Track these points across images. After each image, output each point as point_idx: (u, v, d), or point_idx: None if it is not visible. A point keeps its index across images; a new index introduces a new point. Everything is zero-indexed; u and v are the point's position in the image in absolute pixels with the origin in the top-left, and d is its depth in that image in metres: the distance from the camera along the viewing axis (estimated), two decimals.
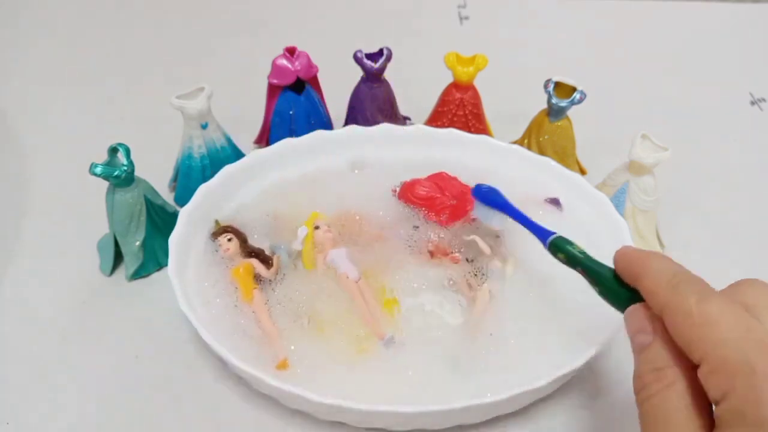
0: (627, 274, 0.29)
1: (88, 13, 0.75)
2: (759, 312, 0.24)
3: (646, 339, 0.26)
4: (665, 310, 0.26)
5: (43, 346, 0.41)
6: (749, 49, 0.72)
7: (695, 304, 0.24)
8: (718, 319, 0.24)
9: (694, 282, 0.26)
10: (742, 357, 0.22)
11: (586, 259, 0.32)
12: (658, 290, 0.26)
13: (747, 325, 0.23)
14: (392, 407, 0.32)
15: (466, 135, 0.49)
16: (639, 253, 0.29)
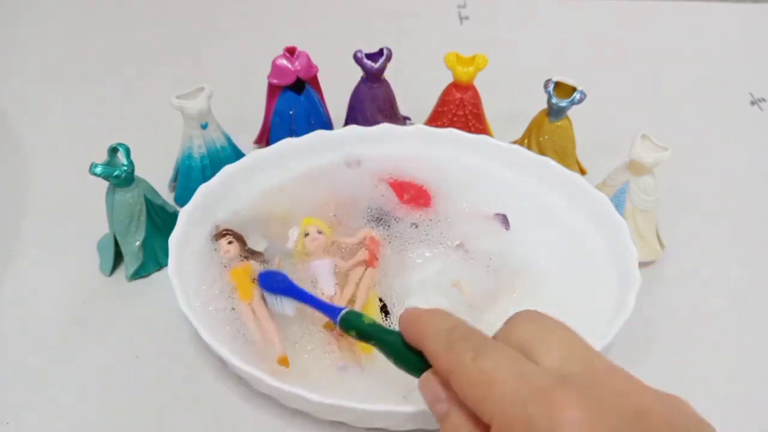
0: (412, 339, 0.28)
1: (88, 13, 0.75)
2: (533, 348, 0.25)
3: (443, 407, 0.26)
4: (447, 374, 0.25)
5: (43, 346, 0.41)
6: (749, 49, 0.72)
7: (471, 362, 0.24)
8: (493, 374, 0.23)
9: (469, 338, 0.26)
10: (522, 412, 0.22)
11: (375, 330, 0.31)
12: (438, 352, 0.26)
13: (521, 372, 0.23)
14: (392, 407, 0.32)
15: (466, 135, 0.49)
16: (420, 313, 0.28)
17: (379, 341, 0.31)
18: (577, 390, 0.22)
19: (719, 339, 0.42)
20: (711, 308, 0.44)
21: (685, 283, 0.46)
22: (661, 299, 0.44)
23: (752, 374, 0.41)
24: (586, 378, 0.23)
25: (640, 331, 0.41)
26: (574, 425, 0.21)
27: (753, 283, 0.46)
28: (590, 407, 0.21)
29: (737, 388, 0.40)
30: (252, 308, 0.39)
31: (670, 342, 0.42)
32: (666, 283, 0.46)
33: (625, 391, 0.23)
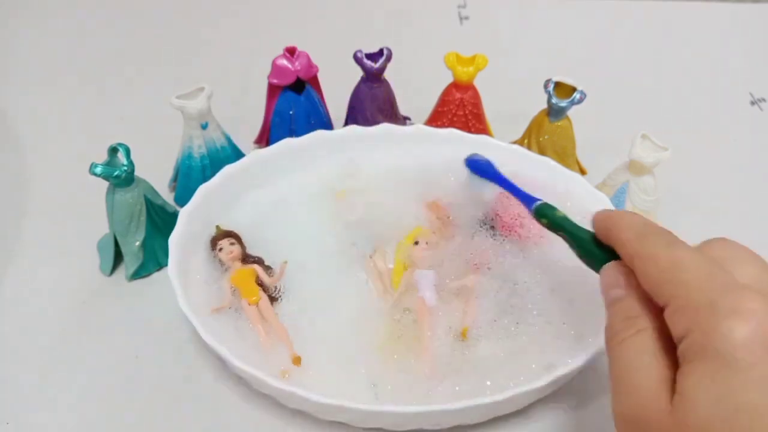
0: (602, 232, 0.30)
1: (88, 13, 0.75)
2: (725, 262, 0.25)
3: (619, 293, 0.27)
4: (635, 259, 0.26)
5: (43, 346, 0.41)
6: (749, 49, 0.72)
7: (663, 248, 0.26)
8: (683, 263, 0.25)
9: (662, 233, 0.27)
10: (704, 296, 0.23)
11: (567, 223, 0.34)
12: (628, 240, 0.27)
13: (710, 270, 0.24)
14: (392, 407, 0.33)
15: (466, 135, 0.49)
16: (613, 212, 0.30)
17: (569, 233, 0.33)
18: (763, 296, 0.23)
19: None
20: None
21: None
22: None
23: None
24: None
25: None
26: (756, 315, 0.22)
27: None
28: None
29: None
30: (259, 309, 0.39)
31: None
32: None
33: None
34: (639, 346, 0.25)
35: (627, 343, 0.25)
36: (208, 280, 0.41)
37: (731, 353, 0.21)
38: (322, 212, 0.45)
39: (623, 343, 0.26)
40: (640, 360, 0.24)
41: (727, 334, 0.22)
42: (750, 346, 0.21)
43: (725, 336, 0.22)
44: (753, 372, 0.21)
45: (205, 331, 0.35)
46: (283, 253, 0.42)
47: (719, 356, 0.22)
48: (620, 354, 0.26)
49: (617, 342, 0.26)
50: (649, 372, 0.24)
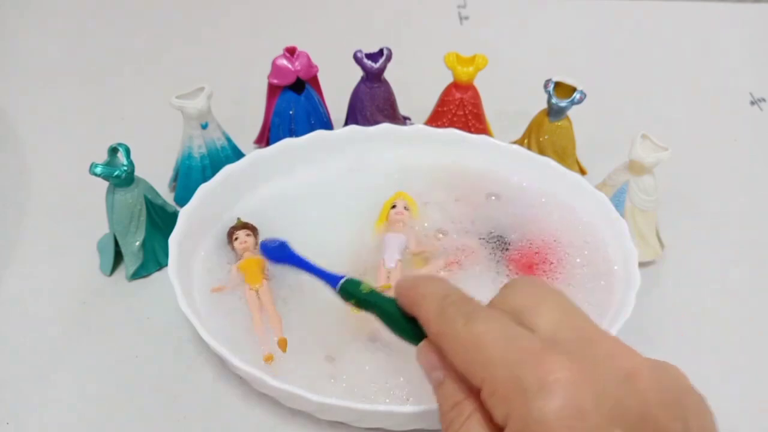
0: (407, 305, 0.28)
1: (88, 13, 0.75)
2: (526, 314, 0.25)
3: (439, 375, 0.26)
4: (439, 339, 0.25)
5: (43, 346, 0.41)
6: (749, 49, 0.72)
7: (462, 327, 0.24)
8: (483, 337, 0.23)
9: (461, 303, 0.26)
10: (511, 373, 0.22)
11: (373, 298, 0.31)
12: (430, 319, 0.26)
13: (513, 336, 0.23)
14: (392, 407, 0.33)
15: (467, 135, 0.49)
16: (413, 281, 0.28)
17: (378, 309, 0.30)
18: (567, 353, 0.22)
19: (719, 339, 0.42)
20: (711, 308, 0.44)
21: (685, 283, 0.46)
22: (661, 299, 0.44)
23: (752, 374, 0.41)
24: (576, 342, 0.23)
25: (640, 331, 0.41)
26: (563, 386, 0.21)
27: (753, 283, 0.46)
28: (579, 369, 0.22)
29: (737, 387, 0.40)
30: (258, 294, 0.40)
31: (670, 342, 0.42)
32: (666, 283, 0.46)
33: (615, 355, 0.23)
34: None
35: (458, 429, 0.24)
36: (208, 280, 0.41)
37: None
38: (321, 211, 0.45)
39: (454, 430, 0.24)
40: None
41: (540, 417, 0.21)
42: (565, 421, 0.21)
43: (539, 420, 0.21)
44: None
45: (205, 332, 0.35)
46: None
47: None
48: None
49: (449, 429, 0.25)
50: None
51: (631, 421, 0.21)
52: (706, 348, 0.42)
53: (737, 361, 0.41)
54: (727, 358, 0.41)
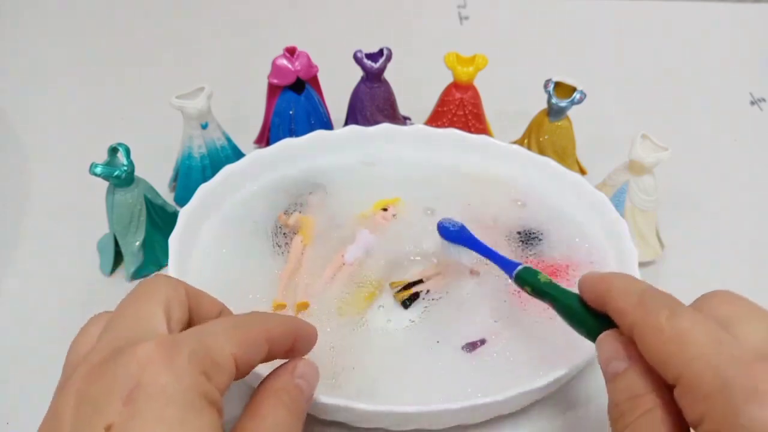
0: (593, 298, 0.28)
1: (89, 13, 0.75)
2: (731, 324, 0.24)
3: (620, 366, 0.25)
4: (635, 328, 0.25)
5: (43, 346, 0.41)
6: (749, 49, 0.72)
7: (666, 319, 0.24)
8: (690, 334, 0.23)
9: (663, 298, 0.25)
10: (717, 375, 0.21)
11: (552, 290, 0.31)
12: (627, 308, 0.25)
13: (720, 340, 0.23)
14: (392, 407, 0.32)
15: (467, 135, 0.49)
16: (603, 275, 0.28)
17: (555, 300, 0.30)
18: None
19: None
20: None
21: (685, 283, 0.46)
22: None
23: None
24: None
25: None
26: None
27: (753, 282, 0.46)
28: None
29: None
30: (303, 250, 0.41)
31: None
32: (666, 283, 0.45)
33: None
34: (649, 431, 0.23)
35: (635, 426, 0.24)
36: (208, 280, 0.41)
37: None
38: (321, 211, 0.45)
39: (631, 426, 0.24)
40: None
41: (750, 424, 0.20)
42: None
43: (748, 426, 0.20)
44: None
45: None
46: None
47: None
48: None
49: (624, 425, 0.24)
50: None
51: None
52: None
53: None
54: None
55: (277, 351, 0.28)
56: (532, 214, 0.45)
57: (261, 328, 0.27)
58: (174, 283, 0.28)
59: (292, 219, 0.44)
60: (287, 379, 0.29)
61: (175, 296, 0.27)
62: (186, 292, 0.28)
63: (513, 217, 0.45)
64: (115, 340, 0.24)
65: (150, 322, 0.25)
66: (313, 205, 0.45)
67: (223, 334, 0.25)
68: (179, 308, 0.27)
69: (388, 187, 0.46)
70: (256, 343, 0.26)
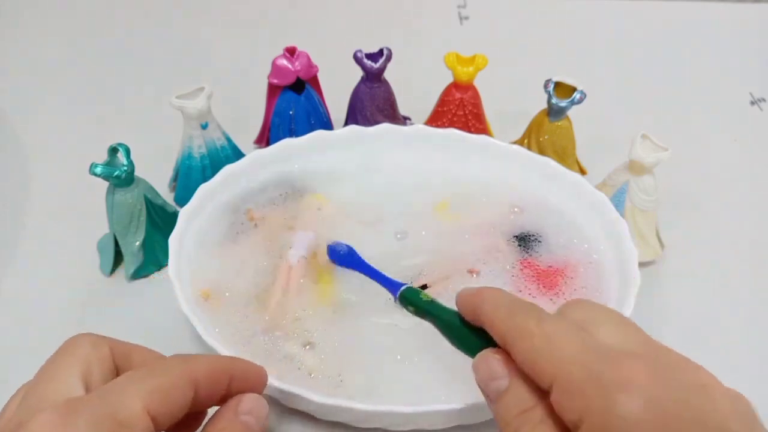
0: (468, 313, 0.28)
1: (88, 13, 0.75)
2: (591, 328, 0.25)
3: (502, 384, 0.25)
4: (507, 337, 0.25)
5: (43, 346, 0.41)
6: (749, 49, 0.72)
7: (535, 325, 0.24)
8: (557, 335, 0.24)
9: (530, 308, 0.26)
10: (587, 371, 0.22)
11: (432, 308, 0.31)
12: (498, 318, 0.26)
13: (584, 340, 0.23)
14: (392, 407, 0.32)
15: (467, 135, 0.49)
16: (476, 290, 0.29)
17: (437, 318, 0.31)
18: (642, 360, 0.22)
19: (719, 339, 0.42)
20: (711, 308, 0.44)
21: (685, 283, 0.46)
22: (661, 299, 0.44)
23: (753, 374, 0.41)
24: (645, 353, 0.24)
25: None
26: (645, 387, 0.21)
27: (753, 283, 0.46)
28: (656, 374, 0.22)
29: (737, 388, 0.40)
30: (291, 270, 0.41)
31: (670, 342, 0.41)
32: (666, 283, 0.46)
33: (686, 368, 0.23)
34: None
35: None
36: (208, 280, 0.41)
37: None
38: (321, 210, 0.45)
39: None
40: None
41: (625, 414, 0.21)
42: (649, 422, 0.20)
43: (624, 416, 0.21)
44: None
45: (205, 332, 0.35)
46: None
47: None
48: None
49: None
50: None
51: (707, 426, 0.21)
52: (706, 348, 0.42)
53: (737, 360, 0.41)
54: (728, 357, 0.41)
55: (208, 394, 0.27)
56: (531, 217, 0.45)
57: (180, 372, 0.26)
58: (95, 342, 0.27)
59: (257, 214, 0.44)
60: (230, 417, 0.27)
61: (96, 355, 0.26)
62: (111, 349, 0.27)
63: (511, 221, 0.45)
64: (22, 411, 0.24)
65: (62, 386, 0.25)
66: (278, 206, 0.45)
67: (133, 387, 0.24)
68: (100, 367, 0.26)
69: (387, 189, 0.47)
70: (176, 390, 0.25)
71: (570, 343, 0.23)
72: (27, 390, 0.26)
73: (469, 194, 0.47)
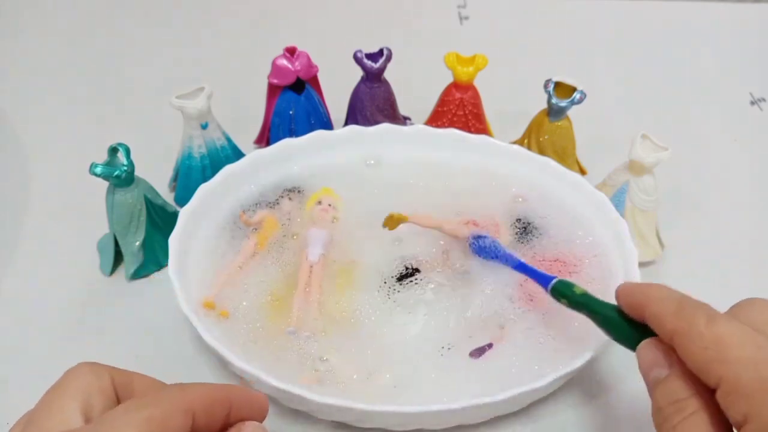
0: (631, 308, 0.29)
1: (88, 13, 0.75)
2: (764, 327, 0.25)
3: (662, 372, 0.26)
4: (675, 336, 0.26)
5: (43, 346, 0.41)
6: (749, 49, 0.72)
7: (704, 325, 0.25)
8: (729, 338, 0.24)
9: (700, 305, 0.26)
10: (758, 375, 0.22)
11: (588, 301, 0.32)
12: (666, 317, 0.26)
13: (757, 343, 0.24)
14: (392, 407, 0.33)
15: (467, 135, 0.49)
16: (640, 285, 0.29)
17: (593, 311, 0.31)
18: None
19: None
20: None
21: (685, 283, 0.45)
22: None
23: None
24: None
25: None
26: None
27: (753, 283, 0.46)
28: None
29: None
30: (253, 250, 0.42)
31: None
32: (666, 283, 0.45)
33: None
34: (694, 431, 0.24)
35: (680, 428, 0.25)
36: (208, 280, 0.41)
37: None
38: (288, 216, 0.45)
39: (676, 428, 0.25)
40: None
41: None
42: None
43: None
44: None
45: (205, 331, 0.35)
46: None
47: None
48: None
49: (669, 428, 0.25)
50: None
51: None
52: None
53: None
54: None
55: (206, 423, 0.26)
56: (532, 209, 0.45)
57: (177, 401, 0.26)
58: (96, 371, 0.27)
59: (256, 217, 0.44)
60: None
61: (96, 385, 0.26)
62: (111, 378, 0.27)
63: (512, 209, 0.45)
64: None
65: (62, 418, 0.25)
66: (284, 209, 0.45)
67: (128, 417, 0.24)
68: (101, 397, 0.26)
69: (387, 189, 0.47)
70: (172, 419, 0.25)
71: (742, 346, 0.23)
72: (27, 421, 0.26)
73: (469, 192, 0.46)
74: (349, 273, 0.41)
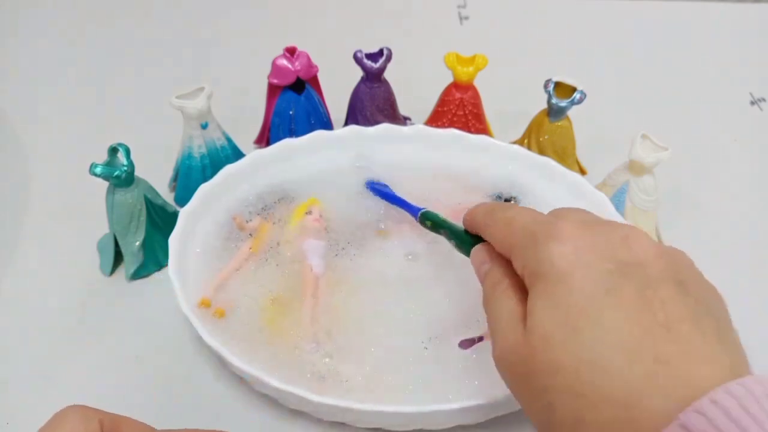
0: (467, 222, 0.35)
1: (88, 13, 0.75)
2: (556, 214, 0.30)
3: (486, 266, 0.31)
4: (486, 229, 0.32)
5: (43, 346, 0.41)
6: (749, 49, 0.72)
7: (501, 214, 0.31)
8: (514, 217, 0.30)
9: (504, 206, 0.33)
10: (529, 233, 0.28)
11: (445, 223, 0.38)
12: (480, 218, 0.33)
13: (534, 215, 0.29)
14: (392, 407, 0.32)
15: (467, 135, 0.49)
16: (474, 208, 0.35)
17: (447, 229, 0.38)
18: (570, 221, 0.27)
19: None
20: None
21: None
22: None
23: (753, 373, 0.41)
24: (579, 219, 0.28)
25: None
26: (566, 236, 0.26)
27: (753, 282, 0.46)
28: (583, 228, 0.27)
29: None
30: (248, 254, 0.42)
31: None
32: None
33: (616, 226, 0.27)
34: (503, 299, 0.28)
35: (494, 299, 0.29)
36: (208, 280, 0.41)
37: (554, 268, 0.25)
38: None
39: (496, 301, 0.29)
40: (503, 308, 0.28)
41: (549, 254, 0.26)
42: (567, 258, 0.25)
43: (548, 256, 0.26)
44: (572, 277, 0.25)
45: (205, 331, 0.35)
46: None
47: (547, 274, 0.25)
48: (491, 310, 0.29)
49: (492, 302, 0.29)
50: (510, 315, 0.27)
51: (622, 262, 0.25)
52: None
53: None
54: None
55: None
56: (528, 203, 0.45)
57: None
58: (85, 414, 0.27)
59: (252, 222, 0.44)
60: None
61: (84, 429, 0.26)
62: (100, 423, 0.27)
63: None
64: None
65: None
66: (277, 214, 0.45)
67: None
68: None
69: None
70: None
71: (522, 219, 0.29)
72: None
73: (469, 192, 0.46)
74: (350, 278, 0.41)
